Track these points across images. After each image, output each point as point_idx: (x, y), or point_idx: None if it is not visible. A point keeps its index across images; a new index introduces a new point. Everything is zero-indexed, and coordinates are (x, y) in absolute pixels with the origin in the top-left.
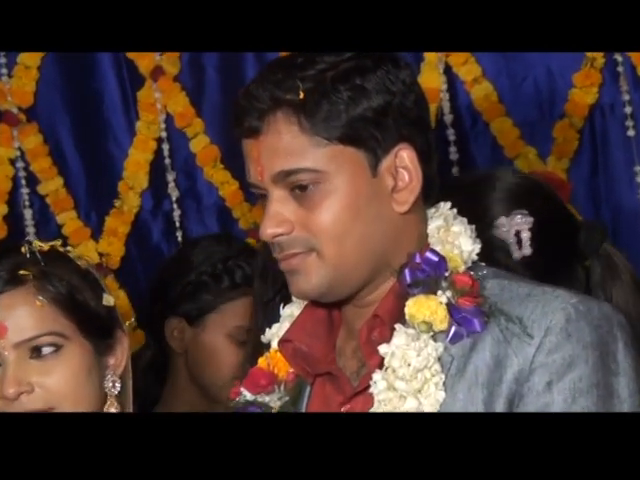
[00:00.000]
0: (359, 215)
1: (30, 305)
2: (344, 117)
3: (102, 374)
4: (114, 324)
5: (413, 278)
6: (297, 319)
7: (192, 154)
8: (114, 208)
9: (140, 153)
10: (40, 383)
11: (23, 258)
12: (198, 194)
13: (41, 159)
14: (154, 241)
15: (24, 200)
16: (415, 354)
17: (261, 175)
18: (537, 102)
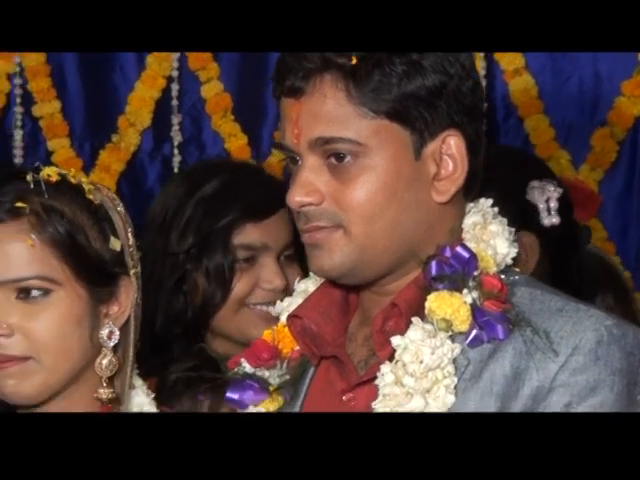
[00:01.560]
0: (395, 197)
1: (22, 242)
2: (395, 91)
3: (97, 324)
4: (120, 270)
5: (439, 272)
6: (311, 296)
7: (202, 99)
8: (111, 143)
9: (147, 89)
10: (21, 327)
11: (26, 187)
12: (202, 143)
13: (40, 79)
14: (148, 185)
15: (16, 120)
16: (429, 351)
17: (297, 139)
18: (579, 105)
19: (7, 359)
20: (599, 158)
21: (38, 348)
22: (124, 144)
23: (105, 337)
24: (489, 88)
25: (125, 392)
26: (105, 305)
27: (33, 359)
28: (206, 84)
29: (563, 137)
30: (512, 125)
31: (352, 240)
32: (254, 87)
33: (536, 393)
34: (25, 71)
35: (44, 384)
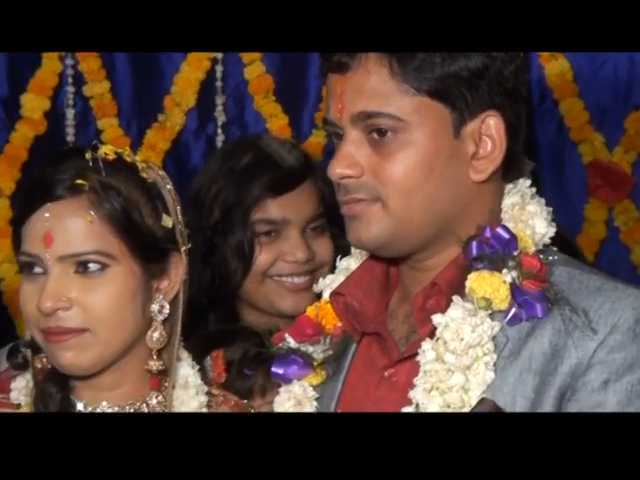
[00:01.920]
0: (433, 173)
1: (82, 218)
2: (438, 71)
3: (149, 298)
4: (171, 247)
5: (480, 252)
6: (353, 274)
7: (245, 81)
8: (157, 122)
9: (192, 70)
10: (79, 301)
11: (85, 165)
12: (245, 123)
13: (91, 60)
14: (192, 163)
15: (68, 99)
16: (470, 329)
17: (340, 113)
18: (613, 89)
19: (65, 331)
20: (632, 141)
21: (95, 321)
22: (170, 123)
23: (156, 311)
24: None
25: (173, 364)
26: (156, 280)
27: (89, 331)
28: (249, 66)
29: (597, 120)
30: (547, 108)
31: (389, 213)
32: (295, 69)
33: (574, 370)
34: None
35: (99, 356)
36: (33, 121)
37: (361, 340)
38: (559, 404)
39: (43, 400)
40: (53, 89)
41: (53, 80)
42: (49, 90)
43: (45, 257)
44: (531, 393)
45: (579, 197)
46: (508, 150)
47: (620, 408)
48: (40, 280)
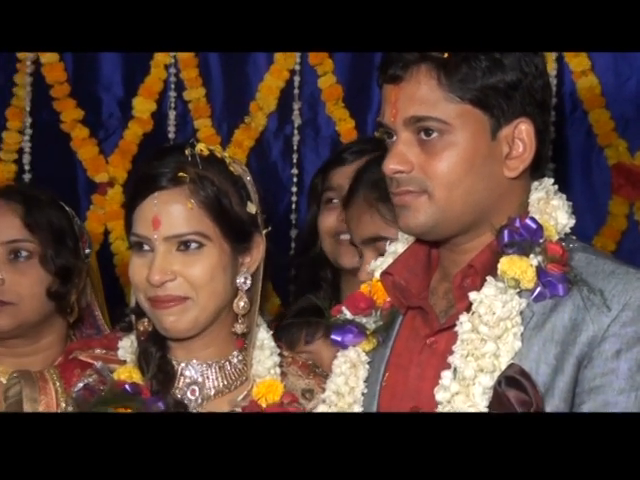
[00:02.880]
0: (472, 170)
1: (183, 205)
2: (479, 83)
3: (236, 272)
4: (253, 229)
5: (510, 239)
6: (400, 256)
7: (318, 89)
8: (243, 124)
9: (274, 80)
10: (182, 272)
11: (185, 159)
12: (317, 125)
13: (190, 69)
14: (272, 158)
15: (170, 102)
16: (501, 305)
17: (394, 117)
18: (636, 101)
19: (171, 299)
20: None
21: (195, 290)
22: (254, 125)
23: (241, 282)
24: (559, 85)
25: (253, 328)
26: (242, 257)
27: (190, 299)
28: (322, 77)
29: (621, 128)
30: (578, 117)
31: (434, 203)
32: (361, 80)
33: (591, 341)
34: (178, 63)
35: (196, 320)
36: (142, 121)
37: (406, 313)
38: (577, 370)
39: (145, 357)
40: (159, 94)
41: (159, 86)
42: (155, 94)
43: (153, 238)
44: (553, 360)
45: (604, 194)
46: (537, 152)
47: (630, 374)
48: (148, 256)
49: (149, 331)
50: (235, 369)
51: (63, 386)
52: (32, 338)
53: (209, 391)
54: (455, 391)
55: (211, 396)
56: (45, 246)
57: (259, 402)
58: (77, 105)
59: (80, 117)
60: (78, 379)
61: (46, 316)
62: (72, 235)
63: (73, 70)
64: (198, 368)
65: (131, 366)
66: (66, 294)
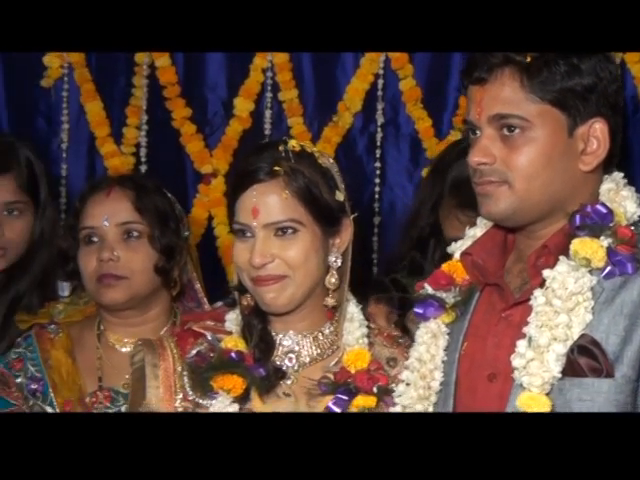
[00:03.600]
0: (550, 163)
1: (279, 195)
2: (558, 85)
3: (327, 252)
4: (342, 214)
5: (582, 222)
6: (479, 239)
7: (399, 91)
8: (332, 122)
9: (360, 83)
10: (280, 255)
11: (279, 155)
12: (398, 124)
13: (285, 73)
14: (358, 153)
15: (267, 103)
16: (573, 281)
17: (479, 115)
18: None
19: (271, 278)
20: None
21: (292, 269)
22: (341, 123)
23: (332, 261)
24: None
25: (343, 302)
26: (332, 239)
27: (288, 277)
28: (403, 80)
29: None
30: (638, 118)
31: (514, 193)
32: (438, 83)
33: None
34: (274, 67)
35: (293, 296)
36: (242, 119)
37: (483, 289)
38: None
39: (249, 329)
40: (257, 95)
41: (257, 88)
42: (254, 95)
43: (253, 225)
44: (622, 332)
45: None
46: (609, 149)
47: None
48: (250, 242)
49: (252, 306)
50: (327, 339)
51: (179, 353)
52: (142, 309)
53: (304, 359)
54: (530, 358)
55: (306, 363)
56: (152, 227)
57: (349, 368)
58: (186, 104)
59: (188, 115)
60: (191, 347)
61: (154, 290)
62: (174, 218)
63: (183, 73)
64: (294, 338)
65: (236, 336)
66: (170, 270)
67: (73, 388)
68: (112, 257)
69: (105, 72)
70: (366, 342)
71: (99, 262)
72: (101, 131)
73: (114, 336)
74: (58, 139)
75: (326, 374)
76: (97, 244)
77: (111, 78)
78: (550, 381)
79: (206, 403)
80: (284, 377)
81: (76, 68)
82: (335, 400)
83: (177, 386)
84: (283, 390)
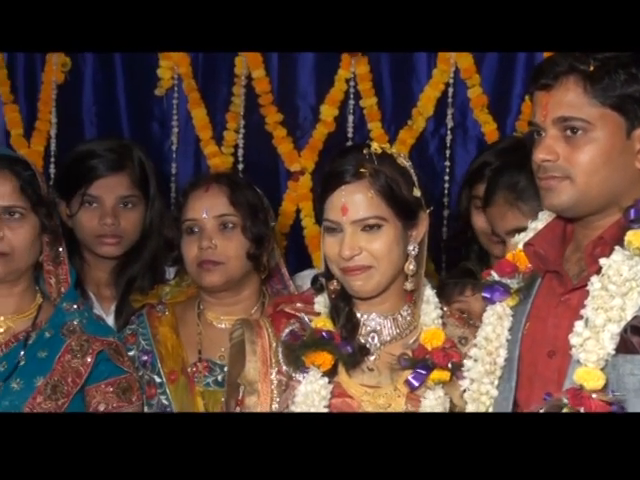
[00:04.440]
0: (609, 162)
1: (364, 194)
2: (618, 91)
3: (407, 242)
4: (419, 208)
5: (636, 216)
6: (540, 231)
7: (467, 98)
8: (407, 125)
9: (432, 91)
10: (366, 248)
11: (363, 157)
12: (466, 127)
13: (365, 82)
14: (430, 153)
15: (350, 108)
16: (627, 268)
17: (544, 117)
18: None
19: (359, 268)
20: None
21: (377, 260)
22: (415, 126)
23: (411, 250)
24: None
25: (420, 286)
26: (410, 230)
27: (374, 267)
28: (471, 89)
29: None
30: None
31: (575, 187)
32: (503, 91)
33: None
34: (356, 77)
35: (378, 283)
36: (327, 123)
37: (544, 276)
38: None
39: (336, 311)
40: (341, 102)
41: (341, 96)
42: (338, 102)
43: (342, 221)
44: None
45: None
46: None
47: None
48: (339, 236)
49: (338, 290)
50: (405, 320)
51: (274, 331)
52: (235, 291)
53: (385, 337)
54: (587, 336)
55: (387, 341)
56: (245, 219)
57: (426, 346)
58: (278, 110)
59: (280, 120)
60: (284, 326)
61: (246, 273)
62: (262, 210)
63: (276, 83)
64: (377, 319)
65: (325, 317)
66: (260, 256)
67: (177, 360)
68: (210, 245)
69: (209, 82)
70: (440, 322)
71: (199, 250)
72: (205, 134)
73: (212, 314)
74: (169, 141)
75: (405, 351)
76: (197, 234)
77: (214, 88)
78: (604, 357)
79: (298, 376)
80: (368, 353)
81: (184, 79)
82: (414, 374)
83: (273, 361)
84: (367, 365)
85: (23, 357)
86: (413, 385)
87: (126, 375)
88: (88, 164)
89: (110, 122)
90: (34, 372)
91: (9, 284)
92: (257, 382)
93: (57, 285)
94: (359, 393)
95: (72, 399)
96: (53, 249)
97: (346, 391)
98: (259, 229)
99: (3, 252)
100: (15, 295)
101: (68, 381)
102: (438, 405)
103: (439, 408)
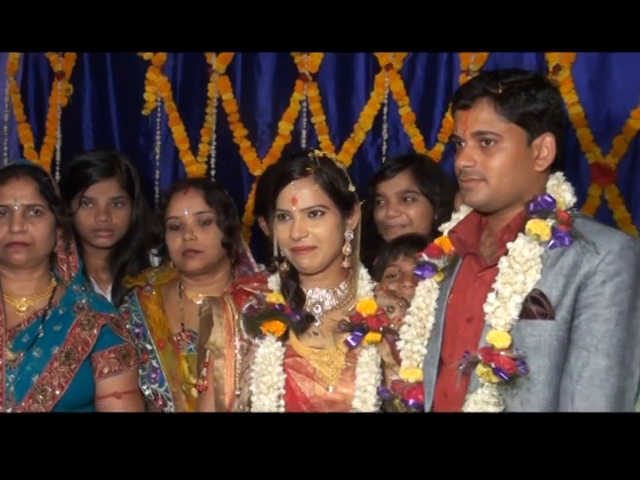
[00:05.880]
0: (515, 166)
1: (310, 188)
2: (521, 110)
3: (344, 229)
4: (353, 201)
5: (535, 209)
6: (461, 222)
7: (399, 115)
8: (349, 137)
9: (370, 109)
10: (312, 231)
11: (308, 159)
12: (398, 139)
13: (315, 103)
14: (368, 160)
15: (303, 124)
16: (528, 251)
17: (464, 131)
18: (607, 122)
19: (305, 248)
20: (616, 151)
21: (321, 241)
22: (356, 138)
23: (347, 235)
24: None
25: (356, 265)
26: (347, 219)
27: (318, 247)
28: (401, 107)
29: (598, 140)
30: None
31: (489, 187)
32: (427, 109)
33: (586, 274)
34: (308, 99)
35: (322, 261)
36: (284, 136)
37: (465, 257)
38: (576, 293)
39: (286, 287)
40: (295, 119)
41: (295, 114)
42: (293, 119)
43: (292, 210)
44: (561, 287)
45: (586, 181)
46: (555, 156)
47: (611, 296)
48: (289, 222)
49: (288, 270)
50: (343, 292)
51: (236, 306)
52: (211, 274)
53: (327, 307)
54: (497, 305)
55: (329, 310)
56: (218, 214)
57: (361, 313)
58: (243, 126)
59: (245, 134)
60: (244, 302)
61: (220, 259)
62: (232, 208)
63: (241, 104)
64: (320, 292)
65: (277, 293)
66: (232, 244)
67: (164, 330)
68: (192, 237)
69: (186, 104)
70: (372, 295)
71: (183, 241)
72: (183, 146)
73: (191, 293)
74: (153, 152)
75: (344, 318)
76: (180, 229)
77: (190, 108)
78: (510, 322)
79: (257, 342)
80: (313, 321)
81: (166, 101)
82: (352, 336)
83: (236, 330)
84: (313, 330)
85: (42, 330)
86: (351, 345)
87: (125, 344)
88: (84, 172)
89: (104, 137)
90: (51, 342)
91: (29, 270)
92: (223, 348)
93: (68, 271)
94: (307, 353)
95: (82, 364)
96: (65, 241)
97: (296, 352)
98: (230, 222)
99: (26, 242)
100: (34, 280)
101: (79, 349)
102: (372, 361)
103: (372, 364)
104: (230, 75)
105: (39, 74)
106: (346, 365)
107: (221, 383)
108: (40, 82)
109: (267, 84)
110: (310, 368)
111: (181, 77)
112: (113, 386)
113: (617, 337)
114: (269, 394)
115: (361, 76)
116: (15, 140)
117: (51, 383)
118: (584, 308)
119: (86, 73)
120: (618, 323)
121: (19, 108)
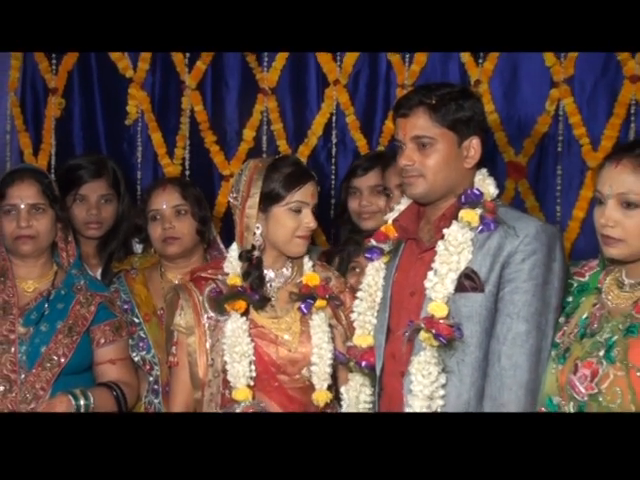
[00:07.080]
0: (448, 164)
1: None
2: (451, 117)
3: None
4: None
5: (466, 200)
6: (403, 211)
7: (346, 123)
8: (304, 142)
9: (321, 118)
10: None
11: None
12: (346, 143)
13: (274, 113)
14: (320, 161)
15: (264, 132)
16: (461, 235)
17: (404, 136)
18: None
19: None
20: (526, 151)
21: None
22: (310, 142)
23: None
24: None
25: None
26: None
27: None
28: (348, 116)
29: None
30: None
31: (427, 182)
32: (370, 117)
33: (509, 254)
34: (268, 109)
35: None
36: (248, 142)
37: (407, 242)
38: (501, 270)
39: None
40: (257, 127)
41: (258, 122)
42: (255, 127)
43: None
44: (488, 265)
45: (502, 177)
46: (481, 155)
47: (529, 271)
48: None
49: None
50: (289, 271)
51: (198, 290)
52: (187, 257)
53: (278, 284)
54: (435, 281)
55: (282, 285)
56: (193, 206)
57: (308, 284)
58: (213, 133)
59: (215, 140)
60: (204, 287)
61: (195, 245)
62: (204, 202)
63: (211, 114)
64: (273, 273)
65: (234, 275)
66: (205, 232)
67: (149, 306)
68: (171, 226)
69: (163, 115)
70: (312, 269)
71: (163, 230)
72: (161, 151)
73: (171, 274)
74: (135, 156)
75: (294, 290)
76: (160, 220)
77: (167, 118)
78: (447, 295)
79: (223, 319)
80: (269, 301)
81: (145, 113)
82: (305, 304)
83: (202, 310)
84: (271, 303)
85: (47, 308)
86: (304, 311)
87: (117, 318)
88: (77, 173)
89: (93, 144)
90: (55, 318)
91: (35, 258)
92: (194, 326)
93: (67, 258)
94: (268, 323)
95: (82, 336)
96: (64, 233)
97: (258, 323)
98: (203, 213)
99: (32, 235)
100: (39, 265)
101: (79, 323)
102: (323, 323)
103: (324, 325)
104: (201, 90)
105: (36, 90)
106: (301, 329)
107: (194, 357)
108: (37, 97)
109: (233, 97)
110: (272, 335)
111: (158, 92)
112: (109, 354)
113: (534, 306)
114: (242, 362)
115: (313, 90)
116: (16, 147)
117: (57, 352)
118: (507, 282)
119: (76, 89)
120: (535, 294)
121: (19, 119)
